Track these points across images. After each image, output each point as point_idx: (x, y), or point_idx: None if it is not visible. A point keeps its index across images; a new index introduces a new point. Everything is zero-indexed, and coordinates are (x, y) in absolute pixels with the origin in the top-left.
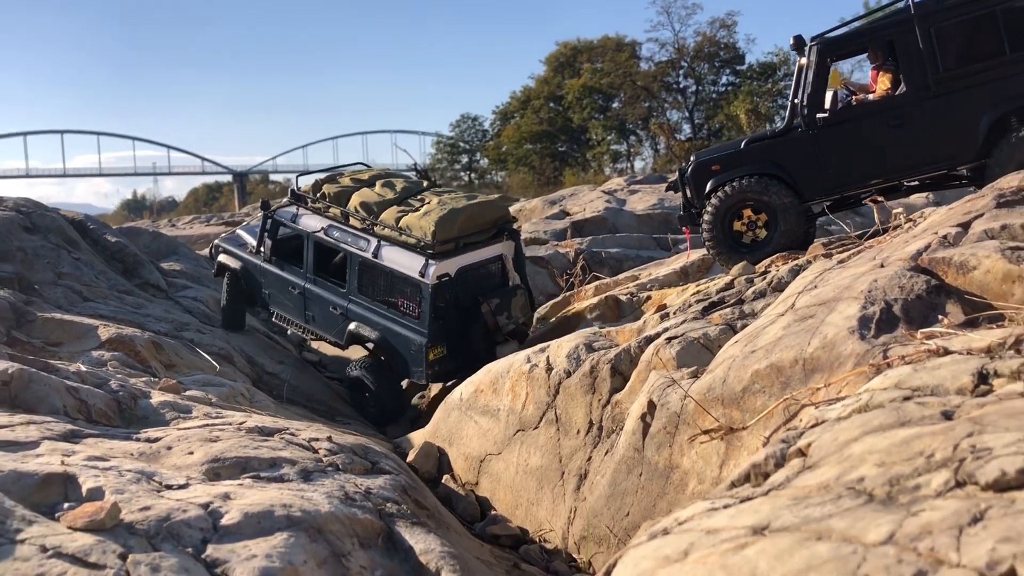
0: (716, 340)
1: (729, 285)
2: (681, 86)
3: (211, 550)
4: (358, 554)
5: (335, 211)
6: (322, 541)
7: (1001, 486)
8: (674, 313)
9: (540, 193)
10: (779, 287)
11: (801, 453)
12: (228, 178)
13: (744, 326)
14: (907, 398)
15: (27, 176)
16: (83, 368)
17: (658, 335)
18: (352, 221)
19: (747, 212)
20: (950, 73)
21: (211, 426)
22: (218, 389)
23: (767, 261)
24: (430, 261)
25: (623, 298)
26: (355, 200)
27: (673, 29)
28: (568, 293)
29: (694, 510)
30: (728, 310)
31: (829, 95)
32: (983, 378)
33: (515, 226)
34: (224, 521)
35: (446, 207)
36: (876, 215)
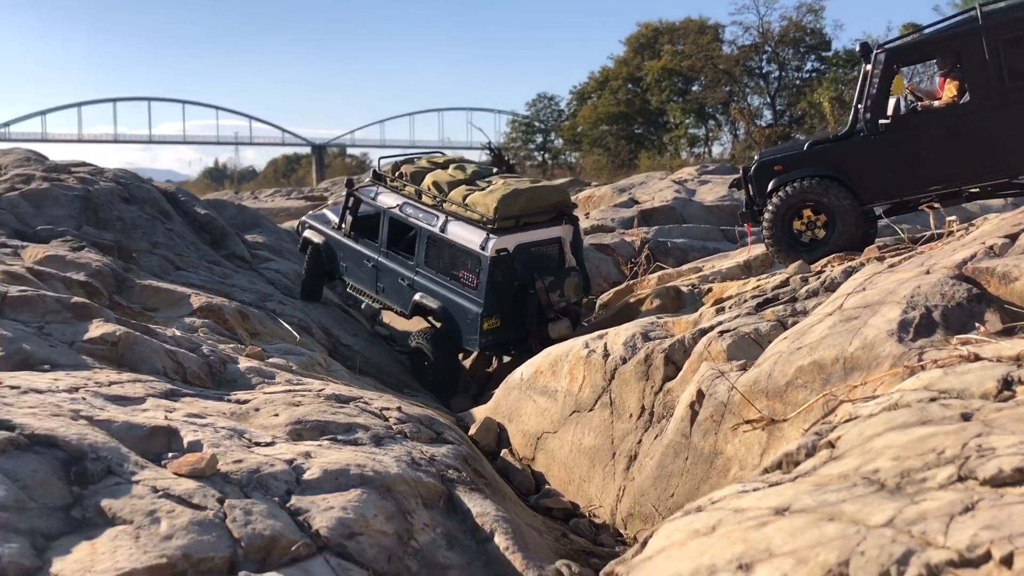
0: (767, 335)
1: (784, 283)
2: (764, 71)
3: (294, 500)
4: (422, 512)
5: (410, 189)
6: (390, 499)
7: (997, 482)
8: (729, 307)
9: (614, 175)
10: (831, 287)
11: (830, 445)
12: (307, 150)
13: (795, 323)
14: (933, 399)
15: (115, 141)
16: (178, 333)
17: (712, 328)
18: (424, 199)
19: (807, 212)
20: (1015, 84)
21: (293, 392)
22: (298, 358)
23: (823, 261)
24: (490, 236)
25: (684, 289)
26: (429, 179)
27: (758, 13)
28: (631, 281)
29: (727, 491)
30: (781, 307)
31: (892, 101)
32: (1007, 384)
33: (575, 212)
34: (306, 476)
35: (510, 187)
36: (932, 221)
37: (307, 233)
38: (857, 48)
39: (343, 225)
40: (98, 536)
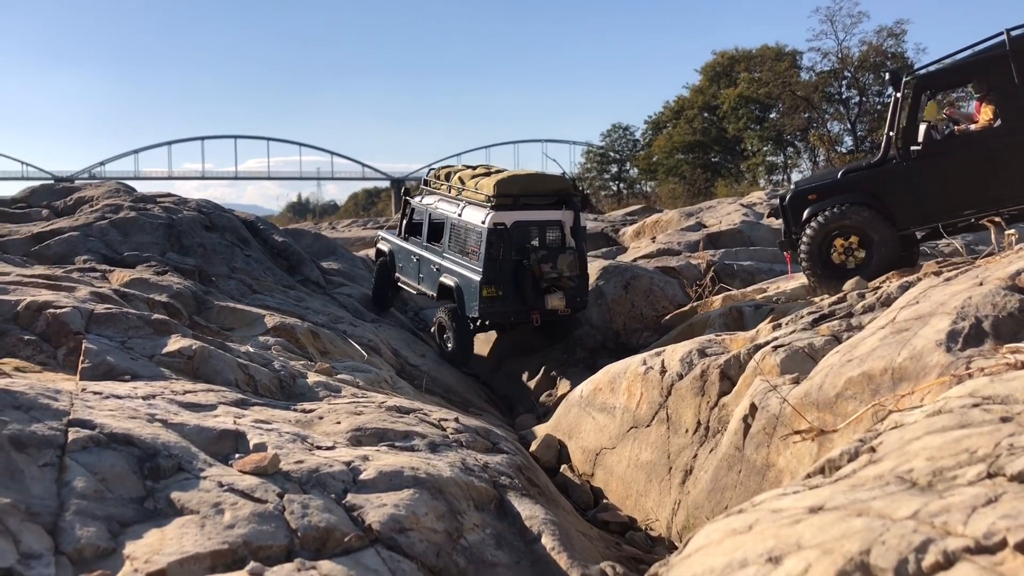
0: (821, 350)
1: (842, 299)
2: (844, 97)
3: (350, 498)
4: (472, 514)
5: (444, 188)
6: (442, 499)
7: (1023, 478)
8: (786, 323)
9: (691, 204)
10: (887, 302)
11: (872, 450)
12: (386, 184)
13: (849, 338)
14: (976, 405)
15: (203, 178)
16: (251, 350)
17: (767, 343)
18: (452, 192)
19: (843, 239)
20: None
21: (357, 403)
22: (365, 375)
23: (882, 277)
24: (490, 212)
25: (747, 309)
26: (455, 177)
27: (837, 38)
28: (696, 303)
29: (768, 495)
30: (836, 322)
31: (923, 128)
32: None
33: (577, 199)
34: (362, 476)
35: (511, 173)
36: (993, 236)
37: (379, 244)
38: (887, 76)
39: (400, 230)
40: (167, 524)
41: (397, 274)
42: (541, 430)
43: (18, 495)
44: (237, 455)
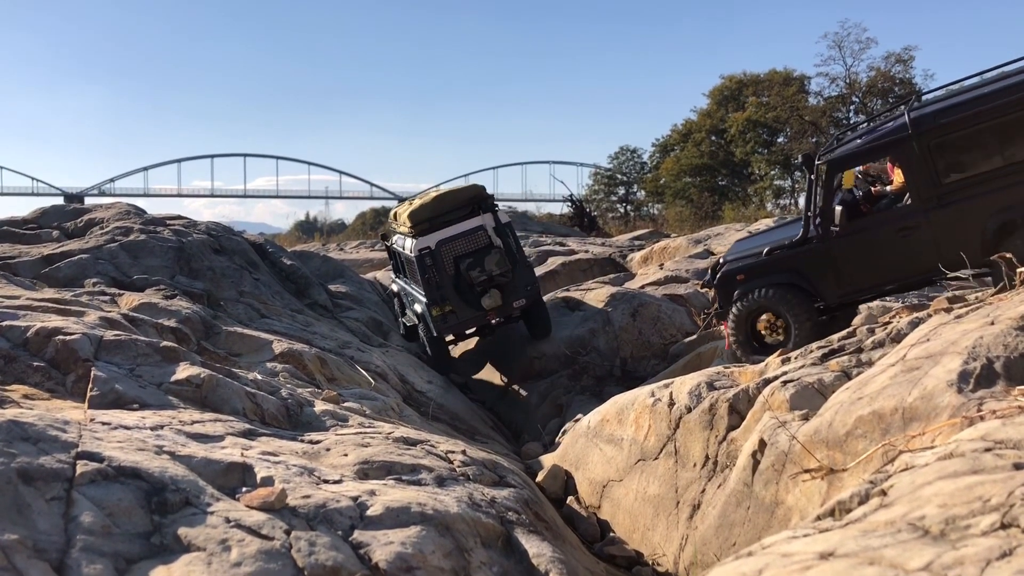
0: (830, 386)
1: (851, 334)
2: (851, 122)
3: (357, 534)
4: (479, 551)
5: (397, 226)
6: (449, 536)
7: None
8: (795, 358)
9: (698, 227)
10: (897, 338)
11: (883, 493)
12: (394, 203)
13: (859, 373)
14: (988, 449)
15: (212, 196)
16: (259, 377)
17: (776, 378)
18: (399, 228)
19: (768, 316)
20: (950, 185)
21: (364, 434)
22: (372, 402)
23: (892, 313)
24: (414, 240)
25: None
26: (398, 211)
27: (845, 64)
28: (704, 332)
29: (778, 537)
30: (846, 358)
31: (839, 211)
32: None
33: (492, 201)
34: (369, 512)
35: (421, 200)
36: (1004, 271)
37: (392, 286)
38: (800, 159)
39: (394, 269)
40: (174, 561)
41: (406, 310)
42: (548, 460)
43: (25, 531)
44: (244, 488)
